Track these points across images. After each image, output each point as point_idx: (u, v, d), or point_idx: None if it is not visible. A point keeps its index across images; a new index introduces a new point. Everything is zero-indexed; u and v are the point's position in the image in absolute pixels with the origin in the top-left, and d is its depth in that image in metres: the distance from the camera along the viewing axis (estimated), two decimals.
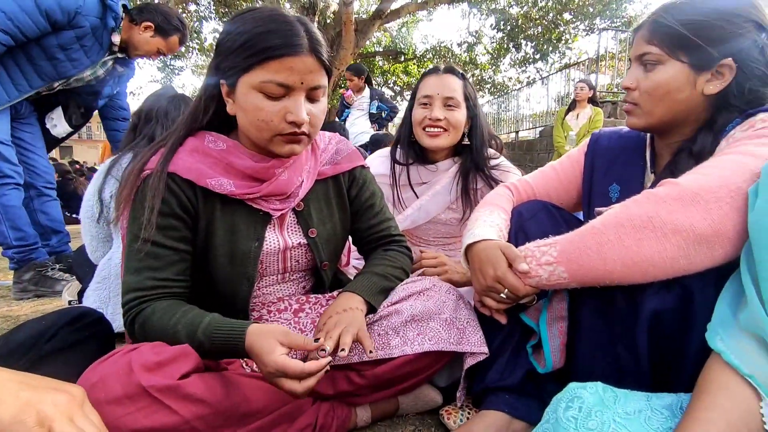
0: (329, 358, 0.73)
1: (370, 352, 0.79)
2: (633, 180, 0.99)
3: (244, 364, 0.89)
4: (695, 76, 0.82)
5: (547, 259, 0.78)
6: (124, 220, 0.87)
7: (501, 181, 1.40)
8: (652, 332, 0.73)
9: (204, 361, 0.77)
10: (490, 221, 0.95)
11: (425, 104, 1.37)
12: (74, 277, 2.05)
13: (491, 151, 1.48)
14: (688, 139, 0.85)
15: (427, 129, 1.37)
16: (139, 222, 0.80)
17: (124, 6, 2.01)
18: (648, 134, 0.99)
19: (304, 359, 0.74)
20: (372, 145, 3.80)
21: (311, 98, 0.82)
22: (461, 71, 1.42)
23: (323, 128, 0.92)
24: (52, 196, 2.25)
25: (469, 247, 0.91)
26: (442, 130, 1.36)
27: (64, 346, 0.82)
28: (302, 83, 0.78)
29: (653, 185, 0.91)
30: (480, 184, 1.44)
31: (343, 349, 0.76)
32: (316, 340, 0.75)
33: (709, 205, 0.66)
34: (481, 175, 1.43)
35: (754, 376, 0.56)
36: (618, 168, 1.02)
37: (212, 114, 0.87)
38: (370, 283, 0.94)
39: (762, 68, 0.79)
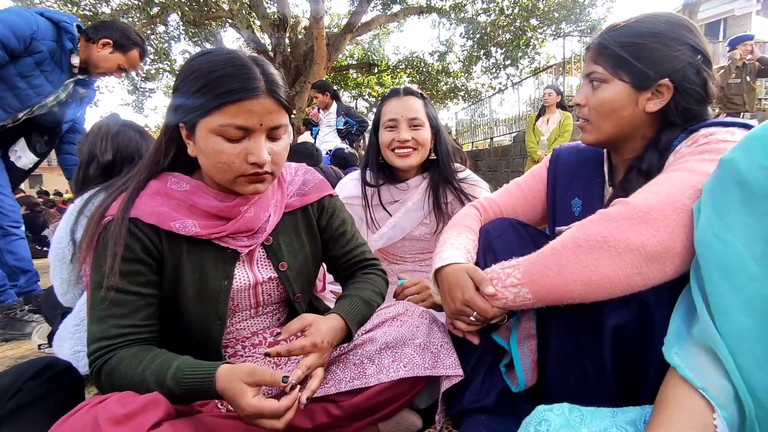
0: (297, 389, 0.74)
1: (307, 399, 0.75)
2: (593, 194, 1.02)
3: (219, 404, 0.88)
4: (636, 94, 0.86)
5: (512, 281, 0.80)
6: (87, 267, 0.85)
7: (470, 194, 1.45)
8: (616, 347, 0.75)
9: (176, 406, 0.76)
10: (457, 243, 0.97)
11: (391, 127, 1.42)
12: (44, 318, 1.99)
13: (457, 165, 1.53)
14: (637, 157, 0.89)
15: (396, 150, 1.42)
16: (102, 270, 0.79)
17: (78, 26, 1.97)
18: (605, 149, 1.03)
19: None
20: (337, 162, 3.80)
21: (272, 137, 0.82)
22: (419, 92, 1.48)
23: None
24: (19, 235, 2.17)
25: (437, 271, 0.93)
26: (411, 149, 1.42)
27: (30, 401, 0.80)
28: (261, 125, 0.79)
29: (611, 197, 0.95)
30: (450, 197, 1.49)
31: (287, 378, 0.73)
32: (286, 381, 0.73)
33: (658, 223, 0.69)
34: (450, 187, 1.48)
35: (707, 389, 0.58)
36: (579, 183, 1.05)
37: (173, 155, 0.87)
38: (356, 311, 0.93)
39: (697, 89, 0.83)
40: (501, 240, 0.99)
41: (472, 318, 0.85)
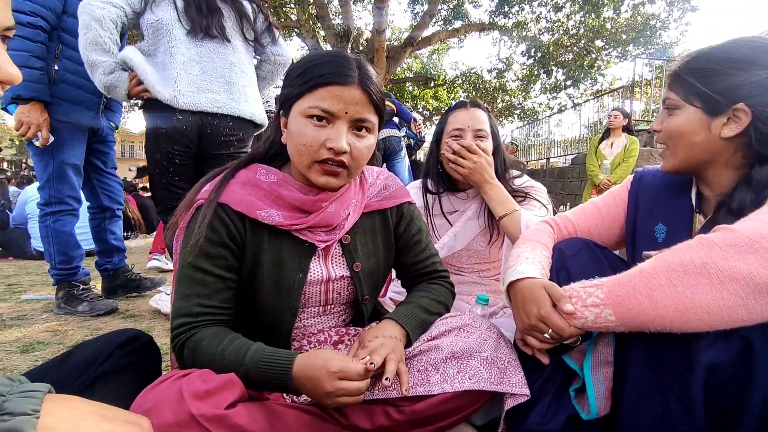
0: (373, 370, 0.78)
1: (406, 390, 0.81)
2: (680, 221, 0.96)
3: (285, 395, 0.90)
4: (709, 119, 0.84)
5: (594, 300, 0.77)
6: (177, 245, 0.91)
7: (525, 204, 1.44)
8: (709, 386, 0.70)
9: (247, 390, 0.78)
10: (532, 258, 0.95)
11: (456, 137, 1.44)
12: (102, 298, 2.13)
13: (514, 171, 1.55)
14: (728, 194, 0.85)
15: None
16: (190, 249, 0.84)
17: None
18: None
19: None
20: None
21: (356, 131, 0.85)
22: (485, 105, 1.50)
23: None
24: (120, 216, 2.39)
25: (511, 284, 0.91)
26: None
27: (116, 369, 0.85)
28: (346, 113, 0.81)
29: (703, 227, 0.89)
30: None
31: (387, 378, 0.78)
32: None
33: None
34: None
35: None
36: (663, 208, 1.00)
37: (270, 142, 0.93)
38: (413, 315, 0.94)
39: None
40: (575, 259, 0.96)
41: (546, 335, 0.82)
